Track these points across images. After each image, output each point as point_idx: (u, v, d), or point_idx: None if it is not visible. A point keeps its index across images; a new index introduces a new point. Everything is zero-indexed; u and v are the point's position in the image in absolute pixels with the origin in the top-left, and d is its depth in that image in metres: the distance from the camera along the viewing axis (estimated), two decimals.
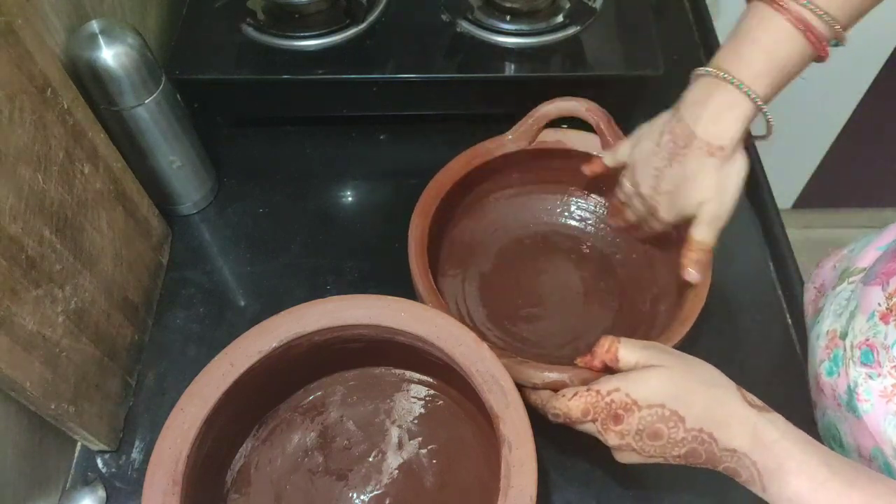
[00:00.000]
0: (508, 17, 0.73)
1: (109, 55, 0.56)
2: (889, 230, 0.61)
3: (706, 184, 0.53)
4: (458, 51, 0.73)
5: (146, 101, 0.60)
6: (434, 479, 0.55)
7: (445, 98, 0.75)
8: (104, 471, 0.58)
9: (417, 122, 0.78)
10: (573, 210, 0.70)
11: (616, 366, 0.48)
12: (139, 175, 0.63)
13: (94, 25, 0.57)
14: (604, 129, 0.63)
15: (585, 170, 0.64)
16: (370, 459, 0.56)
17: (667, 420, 0.44)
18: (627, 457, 0.47)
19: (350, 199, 0.75)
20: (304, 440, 0.57)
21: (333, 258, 0.69)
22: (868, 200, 1.63)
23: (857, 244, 0.64)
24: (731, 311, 0.66)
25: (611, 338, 0.49)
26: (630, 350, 0.47)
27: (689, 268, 0.56)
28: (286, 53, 0.72)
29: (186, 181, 0.69)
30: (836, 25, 0.48)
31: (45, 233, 0.49)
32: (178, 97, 0.65)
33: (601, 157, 0.63)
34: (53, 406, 0.50)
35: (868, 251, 0.60)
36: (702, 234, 0.55)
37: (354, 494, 0.55)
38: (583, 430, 0.48)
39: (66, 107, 0.52)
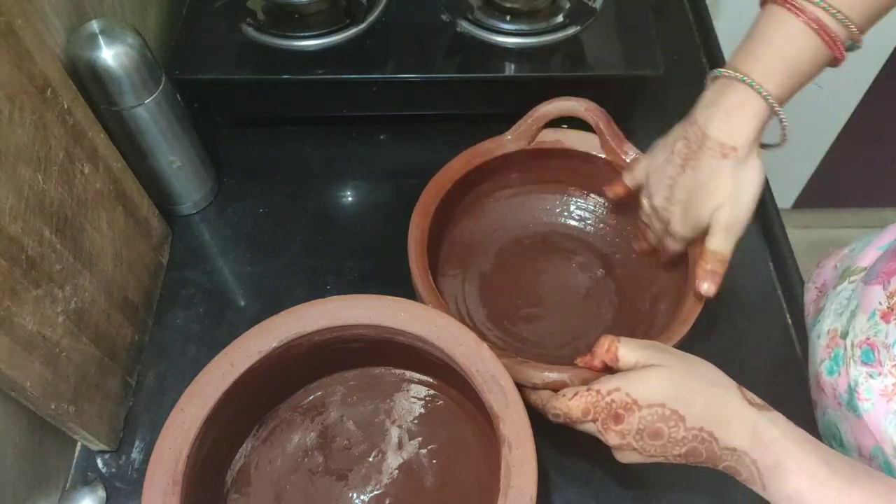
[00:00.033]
0: (508, 17, 0.73)
1: (109, 55, 0.56)
2: (889, 230, 0.61)
3: (720, 188, 0.52)
4: (458, 51, 0.73)
5: (146, 101, 0.60)
6: (434, 479, 0.55)
7: (445, 98, 0.75)
8: (104, 471, 0.58)
9: (417, 122, 0.78)
10: (572, 210, 0.70)
11: (616, 365, 0.48)
12: (139, 175, 0.63)
13: (94, 25, 0.57)
14: (603, 129, 0.63)
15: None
16: (370, 459, 0.56)
17: (667, 419, 0.44)
18: (628, 456, 0.47)
19: (350, 199, 0.75)
20: (304, 440, 0.57)
21: (333, 258, 0.69)
22: (868, 200, 1.63)
23: (858, 244, 0.64)
24: (731, 311, 0.66)
25: (611, 337, 0.49)
26: (630, 349, 0.47)
27: (703, 280, 0.54)
28: (286, 53, 0.72)
29: (186, 181, 0.69)
30: (851, 26, 0.48)
31: (45, 233, 0.49)
32: (178, 97, 0.65)
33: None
34: (53, 406, 0.50)
35: (869, 251, 0.60)
36: (716, 244, 0.53)
37: (354, 494, 0.55)
38: (583, 430, 0.48)
39: (66, 107, 0.52)
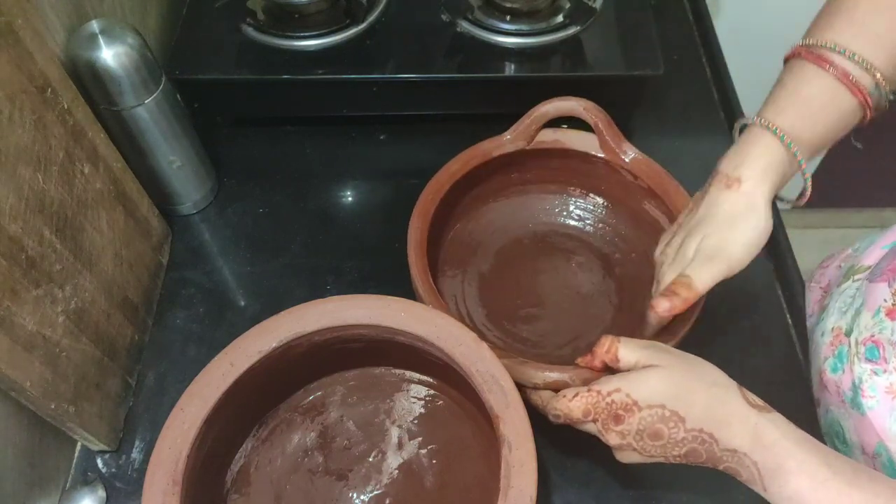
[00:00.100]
0: (508, 17, 0.73)
1: (109, 55, 0.56)
2: (894, 229, 0.61)
3: (715, 217, 0.50)
4: (458, 51, 0.73)
5: (146, 101, 0.60)
6: (434, 479, 0.55)
7: (445, 98, 0.75)
8: (104, 471, 0.58)
9: (417, 122, 0.78)
10: (572, 210, 0.70)
11: (616, 365, 0.48)
12: (139, 175, 0.63)
13: (94, 25, 0.57)
14: (602, 129, 0.63)
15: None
16: (370, 459, 0.56)
17: (667, 420, 0.44)
18: (628, 456, 0.47)
19: (350, 199, 0.75)
20: (304, 440, 0.57)
21: (333, 258, 0.69)
22: (868, 200, 1.63)
23: (862, 243, 0.64)
24: (731, 311, 0.66)
25: (611, 337, 0.48)
26: (630, 350, 0.47)
27: (662, 297, 0.49)
28: (286, 53, 0.72)
29: (186, 181, 0.69)
30: (877, 73, 0.48)
31: (45, 233, 0.49)
32: (178, 97, 0.65)
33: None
34: (53, 406, 0.50)
35: (873, 249, 0.60)
36: (691, 270, 0.49)
37: (354, 494, 0.55)
38: (584, 430, 0.48)
39: (66, 107, 0.52)
